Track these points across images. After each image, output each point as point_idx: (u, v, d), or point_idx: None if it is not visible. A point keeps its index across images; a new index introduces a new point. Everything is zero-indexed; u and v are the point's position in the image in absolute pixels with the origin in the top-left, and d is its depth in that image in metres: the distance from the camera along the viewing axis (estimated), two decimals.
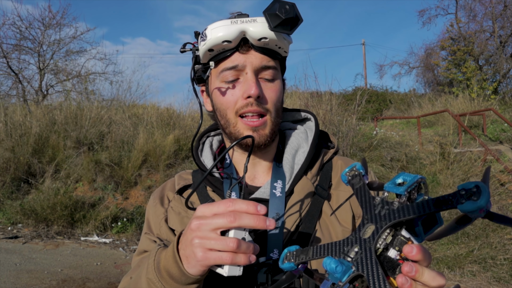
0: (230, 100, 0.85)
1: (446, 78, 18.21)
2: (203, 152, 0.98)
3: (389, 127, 9.67)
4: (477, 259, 4.42)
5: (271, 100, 0.85)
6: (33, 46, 11.96)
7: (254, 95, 0.82)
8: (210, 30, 0.81)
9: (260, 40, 0.80)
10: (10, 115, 7.79)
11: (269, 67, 0.84)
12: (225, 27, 0.80)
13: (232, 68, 0.83)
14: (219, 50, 0.83)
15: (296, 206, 0.86)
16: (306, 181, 0.90)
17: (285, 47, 0.85)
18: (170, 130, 7.90)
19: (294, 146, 0.95)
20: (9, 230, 5.74)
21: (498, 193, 5.94)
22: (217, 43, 0.80)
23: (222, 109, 0.87)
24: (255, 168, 0.94)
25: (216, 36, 0.80)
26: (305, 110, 1.02)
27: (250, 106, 0.83)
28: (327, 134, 1.03)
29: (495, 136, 9.73)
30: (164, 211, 0.94)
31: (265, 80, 0.85)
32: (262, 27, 0.79)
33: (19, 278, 4.12)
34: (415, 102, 14.12)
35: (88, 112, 8.08)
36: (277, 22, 0.77)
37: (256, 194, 0.88)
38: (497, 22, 17.04)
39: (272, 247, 0.81)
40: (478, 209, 0.43)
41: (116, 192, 6.63)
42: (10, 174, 6.54)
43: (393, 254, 0.51)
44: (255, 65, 0.83)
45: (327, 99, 7.37)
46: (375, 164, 6.70)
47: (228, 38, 0.80)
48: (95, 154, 7.07)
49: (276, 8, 0.77)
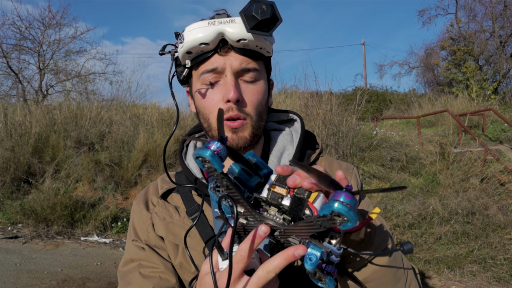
0: (211, 105, 0.83)
1: (446, 78, 18.21)
2: (188, 155, 0.96)
3: (389, 127, 9.67)
4: (477, 259, 4.42)
5: (252, 104, 0.83)
6: (33, 46, 11.97)
7: (233, 99, 0.79)
8: (187, 32, 0.79)
9: (239, 41, 0.78)
10: (10, 115, 7.79)
11: (249, 69, 0.82)
12: (202, 29, 0.77)
13: (212, 70, 0.81)
14: (197, 52, 0.81)
15: None
16: None
17: (267, 48, 0.82)
18: (170, 130, 7.91)
19: (280, 148, 0.93)
20: (9, 230, 5.74)
21: (498, 193, 5.93)
22: (194, 46, 0.78)
23: (205, 113, 0.85)
24: None
25: (192, 38, 0.77)
26: (291, 111, 1.00)
27: (230, 111, 0.81)
28: (314, 136, 1.00)
29: (495, 136, 9.73)
30: (150, 216, 0.91)
31: (246, 82, 0.83)
32: (240, 28, 0.76)
33: (19, 278, 4.12)
34: (415, 102, 14.11)
35: (88, 112, 8.08)
36: (253, 23, 0.74)
37: None
38: (497, 22, 17.04)
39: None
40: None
41: (116, 192, 6.63)
42: (10, 174, 6.54)
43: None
44: (234, 67, 0.81)
45: (327, 99, 7.37)
46: (375, 164, 6.70)
47: (205, 40, 0.77)
48: (95, 154, 7.07)
49: (253, 9, 0.74)
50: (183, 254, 0.86)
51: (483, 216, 5.30)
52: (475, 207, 5.41)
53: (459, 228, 5.03)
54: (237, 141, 0.83)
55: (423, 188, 6.07)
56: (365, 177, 6.53)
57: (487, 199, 5.62)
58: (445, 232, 4.97)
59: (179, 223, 0.88)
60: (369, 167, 6.58)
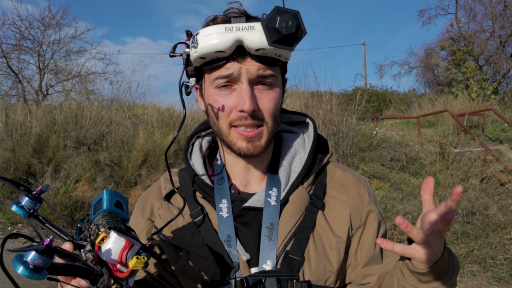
0: (223, 111, 0.79)
1: (446, 78, 18.21)
2: (193, 155, 0.93)
3: (389, 127, 9.67)
4: (477, 259, 4.42)
5: (268, 110, 0.79)
6: (33, 46, 11.96)
7: (248, 111, 0.75)
8: (202, 37, 0.73)
9: (258, 50, 0.73)
10: (10, 115, 7.79)
11: (266, 76, 0.77)
12: (218, 35, 0.71)
13: (227, 76, 0.76)
14: (211, 58, 0.76)
15: (291, 216, 0.82)
16: (302, 190, 0.86)
17: (285, 55, 0.77)
18: (170, 130, 7.91)
19: (291, 152, 0.90)
20: (9, 230, 5.74)
21: (498, 193, 5.94)
22: (209, 52, 0.73)
23: (215, 117, 0.81)
24: (248, 174, 0.89)
25: (208, 44, 0.72)
26: (303, 113, 0.97)
27: (244, 119, 0.77)
28: (325, 140, 0.97)
29: (495, 136, 9.73)
30: (145, 222, 0.88)
31: (262, 89, 0.79)
32: (260, 37, 0.71)
33: (19, 278, 4.12)
34: (415, 102, 14.11)
35: (88, 112, 8.08)
36: (276, 37, 0.70)
37: (249, 203, 0.83)
38: (497, 22, 17.04)
39: (265, 258, 0.79)
40: None
41: None
42: (10, 174, 6.54)
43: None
44: (251, 74, 0.76)
45: (327, 99, 7.37)
46: (375, 164, 6.70)
47: (221, 48, 0.72)
48: (95, 154, 7.07)
49: (276, 21, 0.69)
50: (187, 258, 0.83)
51: (483, 216, 5.30)
52: (475, 207, 5.41)
53: (459, 228, 5.03)
54: (253, 150, 0.80)
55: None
56: (365, 177, 6.53)
57: (487, 199, 5.61)
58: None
59: (183, 226, 0.85)
60: (369, 167, 6.58)
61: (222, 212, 0.83)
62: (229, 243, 0.81)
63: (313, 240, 0.82)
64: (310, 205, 0.85)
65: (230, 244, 0.81)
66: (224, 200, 0.84)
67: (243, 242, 0.82)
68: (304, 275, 0.79)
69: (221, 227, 0.82)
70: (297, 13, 0.71)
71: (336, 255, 0.82)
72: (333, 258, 0.82)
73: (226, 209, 0.84)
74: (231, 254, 0.80)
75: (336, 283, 0.83)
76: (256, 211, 0.84)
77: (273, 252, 0.79)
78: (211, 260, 0.80)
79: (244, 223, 0.84)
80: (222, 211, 0.84)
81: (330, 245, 0.82)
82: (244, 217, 0.84)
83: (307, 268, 0.79)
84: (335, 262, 0.82)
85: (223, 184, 0.87)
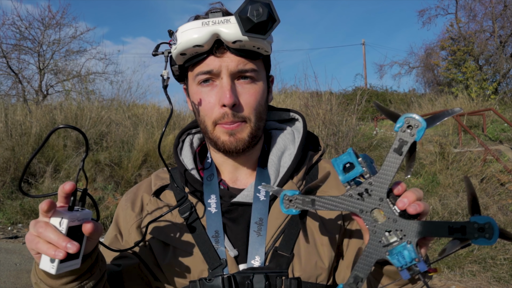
0: (206, 108, 0.80)
1: (446, 78, 18.21)
2: (183, 151, 0.93)
3: (389, 127, 9.67)
4: (477, 259, 4.42)
5: (250, 106, 0.80)
6: (33, 46, 11.96)
7: (229, 104, 0.76)
8: (180, 33, 0.75)
9: (234, 42, 0.74)
10: (10, 115, 7.79)
11: (246, 70, 0.78)
12: (195, 30, 0.74)
13: (207, 72, 0.78)
14: (191, 53, 0.77)
15: (279, 211, 0.81)
16: (291, 185, 0.85)
17: (265, 47, 0.78)
18: (170, 130, 7.91)
19: (280, 147, 0.90)
20: (9, 230, 5.74)
21: (498, 193, 5.93)
22: (188, 47, 0.75)
23: (201, 115, 0.82)
24: (237, 170, 0.89)
25: (186, 40, 0.74)
26: (293, 110, 0.97)
27: (226, 117, 0.78)
28: (316, 137, 0.97)
29: (495, 136, 9.73)
30: (135, 216, 0.87)
31: (244, 83, 0.80)
32: (236, 29, 0.73)
33: (19, 278, 4.12)
34: (415, 102, 14.12)
35: (88, 112, 8.08)
36: (248, 26, 0.71)
37: (238, 198, 0.83)
38: (497, 22, 17.04)
39: (254, 254, 0.78)
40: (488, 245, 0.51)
41: (116, 192, 6.63)
42: (10, 174, 6.54)
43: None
44: (231, 69, 0.77)
45: (327, 99, 7.38)
46: (375, 164, 6.69)
47: (198, 42, 0.74)
48: (95, 154, 7.07)
49: (248, 10, 0.71)
50: (174, 255, 0.82)
51: None
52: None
53: None
54: (236, 143, 0.81)
55: (423, 188, 6.07)
56: None
57: (487, 199, 5.61)
58: None
59: (171, 222, 0.84)
60: None
61: (211, 207, 0.83)
62: (217, 239, 0.80)
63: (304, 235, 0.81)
64: None
65: (218, 240, 0.80)
66: (212, 196, 0.84)
67: (231, 238, 0.82)
68: (293, 272, 0.78)
69: (209, 223, 0.81)
70: (269, 2, 0.72)
71: (327, 252, 0.81)
72: (324, 254, 0.81)
73: (215, 204, 0.83)
74: (218, 250, 0.79)
75: (328, 281, 0.82)
76: (245, 207, 0.83)
77: (261, 248, 0.78)
78: (198, 257, 0.79)
79: (232, 218, 0.83)
80: (210, 207, 0.83)
81: (321, 242, 0.81)
82: (232, 213, 0.84)
83: (296, 265, 0.78)
84: (326, 258, 0.81)
85: (213, 180, 0.87)
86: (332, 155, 6.54)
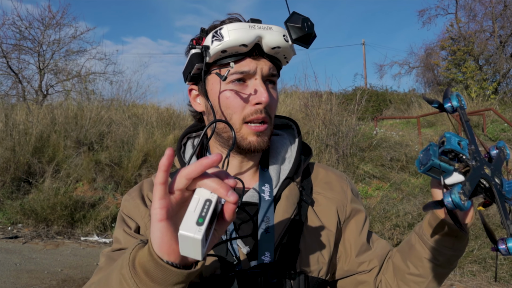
0: (238, 105, 0.83)
1: (446, 78, 18.21)
2: (186, 155, 0.95)
3: (389, 127, 9.67)
4: (477, 259, 4.43)
5: (273, 107, 0.87)
6: (33, 46, 11.96)
7: (265, 102, 0.82)
8: (228, 31, 0.79)
9: (273, 48, 0.81)
10: (10, 115, 7.80)
11: (274, 75, 0.86)
12: (243, 30, 0.79)
13: (243, 73, 0.82)
14: (232, 52, 0.81)
15: (285, 211, 0.86)
16: (293, 187, 0.91)
17: (289, 58, 0.87)
18: (170, 130, 7.91)
19: (279, 151, 0.95)
20: (9, 230, 5.75)
21: None
22: (234, 45, 0.79)
23: (228, 112, 0.84)
24: (241, 171, 0.92)
25: (234, 38, 0.78)
26: (286, 117, 1.04)
27: (258, 113, 0.83)
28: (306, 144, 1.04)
29: (495, 136, 9.74)
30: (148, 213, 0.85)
31: (270, 87, 0.86)
32: (278, 36, 0.80)
33: (19, 278, 4.13)
34: (415, 102, 14.12)
35: (89, 112, 8.09)
36: (298, 35, 0.79)
37: (245, 198, 0.86)
38: (497, 22, 17.04)
39: (264, 250, 0.81)
40: None
41: (116, 192, 6.63)
42: (10, 174, 6.54)
43: None
44: (264, 72, 0.83)
45: (327, 99, 7.38)
46: (375, 164, 6.70)
47: (246, 42, 0.79)
48: (95, 154, 7.07)
49: (299, 22, 0.79)
50: None
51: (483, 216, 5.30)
52: (475, 207, 5.41)
53: None
54: (262, 144, 0.85)
55: (423, 188, 6.07)
56: (365, 176, 6.54)
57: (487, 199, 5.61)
58: None
59: None
60: (369, 167, 6.59)
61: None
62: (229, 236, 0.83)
63: (307, 233, 0.87)
64: (301, 201, 0.90)
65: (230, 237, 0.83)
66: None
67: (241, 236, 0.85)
68: (300, 267, 0.83)
69: None
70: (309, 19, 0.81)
71: (327, 247, 0.88)
72: (324, 250, 0.88)
73: None
74: (230, 248, 0.82)
75: (327, 275, 0.88)
76: (251, 206, 0.87)
77: (270, 245, 0.82)
78: (210, 255, 0.81)
79: (240, 217, 0.86)
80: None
81: (321, 238, 0.88)
82: (240, 212, 0.86)
83: (302, 260, 0.84)
84: (326, 253, 0.87)
85: None
86: (332, 155, 6.54)
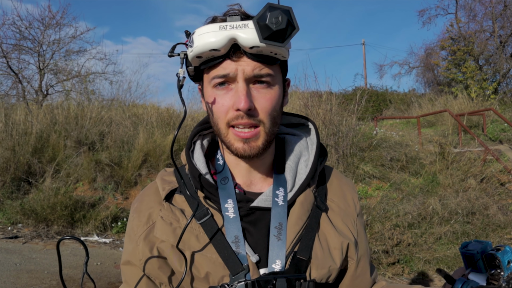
0: (220, 110, 0.79)
1: (446, 78, 18.22)
2: (195, 154, 0.91)
3: (389, 127, 9.66)
4: None
5: (265, 110, 0.78)
6: (33, 46, 11.94)
7: (244, 109, 0.75)
8: (197, 36, 0.74)
9: (252, 48, 0.73)
10: (10, 115, 7.80)
11: (262, 75, 0.77)
12: (212, 34, 0.72)
13: (223, 76, 0.77)
14: (208, 57, 0.77)
15: (299, 217, 0.83)
16: (309, 192, 0.87)
17: (282, 53, 0.77)
18: (170, 130, 7.91)
19: (296, 153, 0.90)
20: (9, 230, 5.75)
21: (498, 193, 5.94)
22: (204, 51, 0.74)
23: (214, 117, 0.81)
24: (251, 174, 0.88)
25: (203, 43, 0.73)
26: (303, 116, 0.96)
27: (240, 118, 0.77)
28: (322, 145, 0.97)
29: (495, 136, 9.74)
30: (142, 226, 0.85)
31: (259, 88, 0.78)
32: (254, 34, 0.71)
33: (19, 278, 4.13)
34: (415, 102, 14.12)
35: (88, 112, 8.09)
36: (267, 33, 0.70)
37: (257, 202, 0.83)
38: (497, 22, 17.04)
39: (275, 258, 0.78)
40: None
41: (116, 192, 6.63)
42: (10, 174, 6.54)
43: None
44: (247, 73, 0.76)
45: (327, 99, 7.38)
46: (375, 164, 6.70)
47: (215, 46, 0.73)
48: (95, 154, 7.07)
49: (267, 18, 0.69)
50: (193, 262, 0.80)
51: (483, 216, 5.30)
52: (475, 207, 5.41)
53: (459, 228, 5.03)
54: (249, 151, 0.79)
55: (423, 188, 6.07)
56: (365, 177, 6.54)
57: (487, 199, 5.62)
58: (445, 232, 4.97)
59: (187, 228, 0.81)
60: (369, 167, 6.58)
61: (228, 212, 0.81)
62: (237, 244, 0.79)
63: (319, 241, 0.83)
64: (315, 207, 0.86)
65: (238, 245, 0.79)
66: (229, 200, 0.82)
67: (251, 243, 0.81)
68: (310, 275, 0.80)
69: (228, 227, 0.80)
70: (289, 9, 0.71)
71: (339, 255, 0.84)
72: (336, 257, 0.84)
73: (233, 209, 0.82)
74: (239, 256, 0.78)
75: (335, 280, 0.86)
76: (263, 211, 0.83)
77: (282, 252, 0.79)
78: (218, 262, 0.78)
79: (251, 223, 0.83)
80: (228, 211, 0.82)
81: (334, 246, 0.84)
82: (251, 217, 0.83)
83: (313, 268, 0.80)
84: (338, 260, 0.84)
85: (227, 183, 0.85)
86: (332, 155, 6.54)
